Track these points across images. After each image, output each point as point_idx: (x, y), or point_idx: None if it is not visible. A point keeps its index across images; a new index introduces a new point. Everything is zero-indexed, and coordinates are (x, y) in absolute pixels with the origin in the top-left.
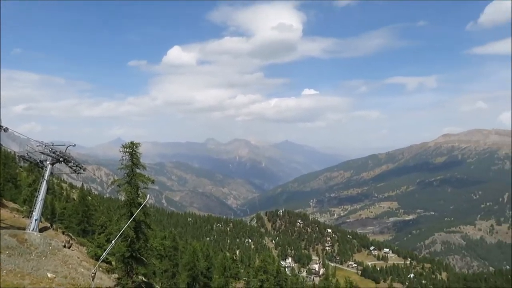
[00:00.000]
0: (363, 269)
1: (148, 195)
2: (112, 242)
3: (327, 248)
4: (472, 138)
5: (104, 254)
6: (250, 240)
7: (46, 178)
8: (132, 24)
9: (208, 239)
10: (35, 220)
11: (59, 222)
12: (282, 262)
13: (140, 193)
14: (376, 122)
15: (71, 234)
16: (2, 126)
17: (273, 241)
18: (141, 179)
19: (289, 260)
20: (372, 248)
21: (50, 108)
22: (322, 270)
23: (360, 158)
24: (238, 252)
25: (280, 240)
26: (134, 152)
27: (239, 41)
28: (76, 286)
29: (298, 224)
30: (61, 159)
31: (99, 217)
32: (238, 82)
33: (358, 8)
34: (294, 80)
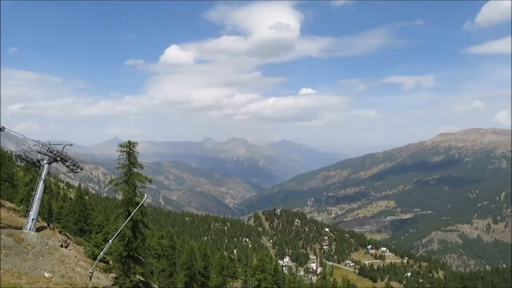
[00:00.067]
0: (360, 268)
1: (145, 195)
2: (110, 241)
3: (325, 247)
4: (469, 137)
5: (101, 253)
6: (248, 239)
7: (43, 178)
8: (129, 23)
9: (205, 238)
10: (32, 219)
11: (56, 222)
12: (279, 261)
13: (138, 192)
14: (374, 121)
15: (68, 234)
16: None
17: (270, 240)
18: (138, 178)
19: (286, 259)
20: (369, 247)
21: (46, 107)
22: (319, 269)
23: (357, 157)
24: (235, 251)
25: (277, 239)
26: (131, 151)
27: (236, 40)
28: (73, 285)
29: (296, 223)
30: (58, 159)
31: (96, 216)
32: (235, 81)
33: (355, 7)
34: (292, 79)
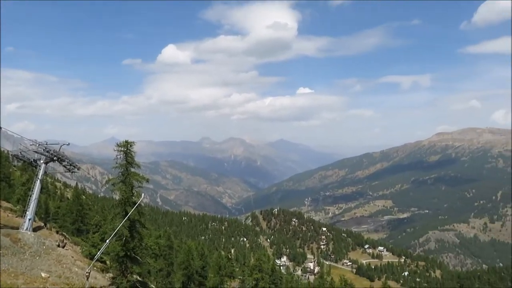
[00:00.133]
0: (357, 267)
1: (142, 194)
2: (107, 241)
3: (322, 246)
4: (466, 136)
5: (98, 253)
6: (245, 239)
7: (39, 177)
8: (127, 22)
9: (203, 238)
10: (29, 219)
11: (53, 222)
12: (277, 261)
13: (135, 192)
14: (371, 120)
15: (65, 234)
16: None
17: (268, 239)
18: (135, 178)
19: (284, 258)
20: (366, 246)
21: (43, 107)
22: (317, 269)
23: (354, 156)
24: (233, 251)
25: (275, 239)
26: (128, 151)
27: (234, 39)
28: (70, 285)
29: (293, 222)
30: (55, 158)
31: (93, 216)
32: (233, 80)
33: (353, 7)
34: (289, 78)
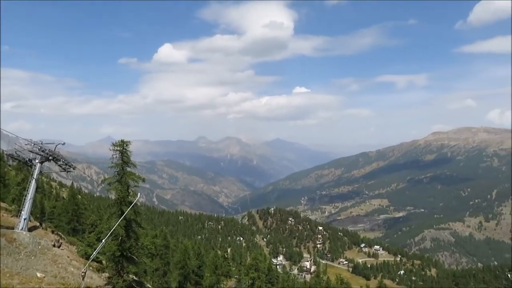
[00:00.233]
0: (354, 266)
1: (138, 194)
2: (103, 241)
3: (318, 245)
4: (461, 135)
5: (94, 253)
6: (242, 238)
7: (35, 177)
8: (123, 21)
9: (199, 237)
10: (24, 219)
11: (48, 221)
12: (273, 260)
13: (131, 191)
14: (367, 120)
15: (60, 233)
16: None
17: (264, 239)
18: (131, 177)
19: (280, 257)
20: (362, 245)
21: (39, 106)
22: (313, 268)
23: (350, 155)
24: (229, 250)
25: (271, 238)
26: (124, 150)
27: (230, 39)
28: (66, 285)
29: (290, 222)
30: (50, 158)
31: (89, 216)
32: (229, 80)
33: (349, 6)
34: (285, 78)
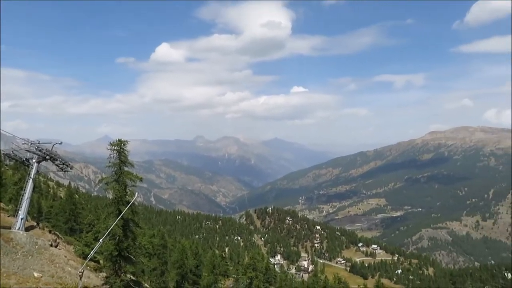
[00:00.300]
0: (351, 265)
1: (136, 193)
2: (100, 240)
3: (316, 245)
4: (458, 135)
5: (91, 252)
6: (239, 238)
7: (32, 177)
8: (120, 20)
9: (197, 237)
10: (21, 219)
11: (45, 221)
12: (271, 259)
13: (128, 191)
14: (364, 119)
15: (58, 233)
16: None
17: (262, 238)
18: (129, 177)
19: (278, 257)
20: (360, 244)
21: (35, 105)
22: (311, 267)
23: (348, 155)
24: (227, 249)
25: (269, 238)
26: (122, 149)
27: (227, 38)
28: (63, 285)
29: (287, 221)
30: (47, 157)
31: (86, 215)
32: (227, 79)
33: (346, 6)
34: (283, 77)
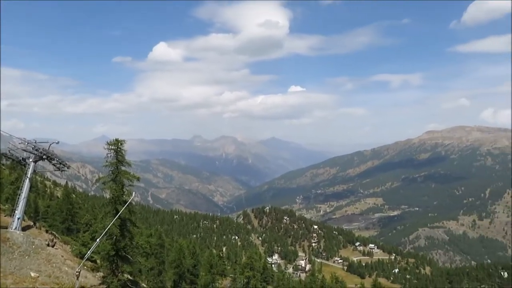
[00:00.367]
0: (348, 264)
1: (133, 193)
2: (97, 240)
3: (313, 244)
4: (455, 134)
5: (88, 252)
6: (237, 237)
7: (29, 176)
8: (117, 19)
9: (194, 236)
10: (18, 218)
11: (42, 221)
12: (268, 259)
13: (125, 190)
14: (361, 118)
15: (55, 233)
16: None
17: (259, 237)
18: (126, 176)
19: (275, 256)
20: (357, 244)
21: (32, 105)
22: (308, 266)
23: (345, 154)
24: (224, 249)
25: (266, 237)
26: (119, 149)
27: (225, 37)
28: (60, 285)
29: (285, 220)
30: (44, 157)
31: (83, 215)
32: (224, 79)
33: (344, 5)
34: (281, 77)
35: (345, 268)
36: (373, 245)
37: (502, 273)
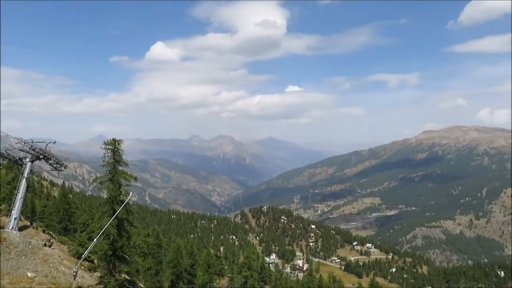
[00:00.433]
0: (346, 264)
1: (131, 193)
2: (94, 240)
3: (311, 244)
4: (452, 134)
5: (86, 252)
6: (234, 237)
7: (25, 176)
8: (114, 19)
9: (192, 236)
10: (15, 218)
11: (39, 221)
12: (266, 258)
13: (123, 190)
14: (359, 118)
15: (51, 233)
16: None
17: (257, 237)
18: (123, 176)
19: (273, 256)
20: (355, 243)
21: (30, 104)
22: (306, 266)
23: (343, 154)
24: (222, 249)
25: (264, 237)
26: (116, 149)
27: (223, 37)
28: (57, 285)
29: (282, 220)
30: (41, 156)
31: (80, 215)
32: (222, 78)
33: (341, 5)
34: (278, 76)
35: (342, 268)
36: (370, 244)
37: (499, 272)
